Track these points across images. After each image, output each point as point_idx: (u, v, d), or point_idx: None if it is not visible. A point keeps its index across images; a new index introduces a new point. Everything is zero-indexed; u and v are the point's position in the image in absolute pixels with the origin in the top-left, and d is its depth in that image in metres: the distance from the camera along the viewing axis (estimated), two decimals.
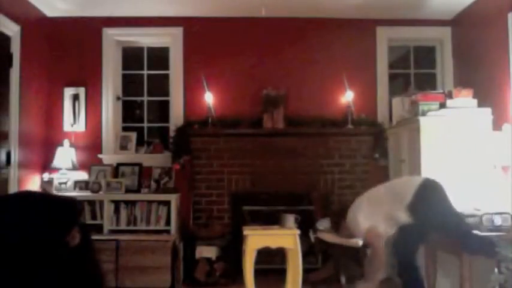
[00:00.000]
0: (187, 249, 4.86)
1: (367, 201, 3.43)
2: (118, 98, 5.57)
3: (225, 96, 5.32)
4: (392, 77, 5.63)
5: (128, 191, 5.05)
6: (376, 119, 5.34)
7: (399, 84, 5.74)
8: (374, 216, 3.31)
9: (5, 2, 4.28)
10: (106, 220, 4.86)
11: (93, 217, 4.88)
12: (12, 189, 4.49)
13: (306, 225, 4.27)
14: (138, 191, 5.13)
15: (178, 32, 5.46)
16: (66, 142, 5.17)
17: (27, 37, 4.70)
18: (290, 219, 3.51)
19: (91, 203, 4.89)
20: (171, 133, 5.30)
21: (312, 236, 4.66)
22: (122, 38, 5.54)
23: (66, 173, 5.09)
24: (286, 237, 3.49)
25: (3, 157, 4.37)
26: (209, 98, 5.21)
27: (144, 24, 5.41)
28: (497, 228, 3.25)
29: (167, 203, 4.95)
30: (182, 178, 5.19)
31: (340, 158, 5.23)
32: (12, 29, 4.48)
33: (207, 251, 4.78)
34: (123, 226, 4.92)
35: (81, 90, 5.36)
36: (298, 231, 3.55)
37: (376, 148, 5.19)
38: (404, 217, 3.23)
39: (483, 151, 3.95)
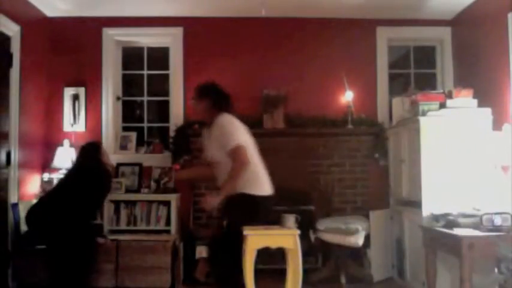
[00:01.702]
0: (187, 249, 4.85)
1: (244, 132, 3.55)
2: (118, 98, 5.57)
3: None
4: (392, 77, 5.63)
5: (128, 191, 5.06)
6: (376, 119, 5.34)
7: (399, 84, 5.73)
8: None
9: (5, 2, 4.28)
10: (106, 220, 4.86)
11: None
12: (12, 189, 4.50)
13: (306, 225, 4.27)
14: (138, 191, 5.13)
15: (178, 32, 5.46)
16: (66, 142, 5.16)
17: (27, 37, 4.71)
18: (290, 219, 3.50)
19: None
20: (171, 133, 5.30)
21: (312, 236, 4.66)
22: (122, 38, 5.54)
23: None
24: (286, 237, 3.47)
25: (3, 157, 4.38)
26: None
27: (144, 24, 5.42)
28: (497, 228, 3.25)
29: (167, 203, 4.95)
30: None
31: (340, 158, 5.22)
32: (12, 29, 4.48)
33: (207, 251, 4.78)
34: (123, 226, 4.93)
35: (81, 90, 5.36)
36: (298, 231, 3.54)
37: (376, 148, 5.19)
38: None
39: (483, 151, 3.94)
